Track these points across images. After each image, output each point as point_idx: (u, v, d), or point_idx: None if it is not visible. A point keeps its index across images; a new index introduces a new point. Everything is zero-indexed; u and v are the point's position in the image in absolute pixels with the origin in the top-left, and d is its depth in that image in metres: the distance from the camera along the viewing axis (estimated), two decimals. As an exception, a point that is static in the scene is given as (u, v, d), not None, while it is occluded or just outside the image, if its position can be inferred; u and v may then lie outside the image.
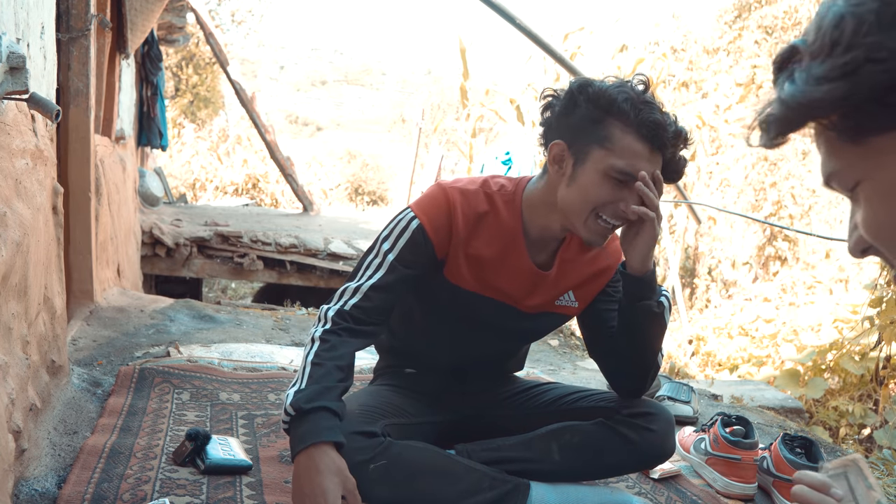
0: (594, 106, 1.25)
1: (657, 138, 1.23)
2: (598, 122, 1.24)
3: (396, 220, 1.34)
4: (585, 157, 1.25)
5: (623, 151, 1.23)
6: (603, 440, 1.40)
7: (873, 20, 0.47)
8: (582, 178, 1.26)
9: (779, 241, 8.46)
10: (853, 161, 0.52)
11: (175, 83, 13.05)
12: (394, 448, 1.26)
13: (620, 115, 1.23)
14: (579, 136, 1.26)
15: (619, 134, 1.23)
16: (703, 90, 9.57)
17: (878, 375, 3.95)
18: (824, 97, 0.48)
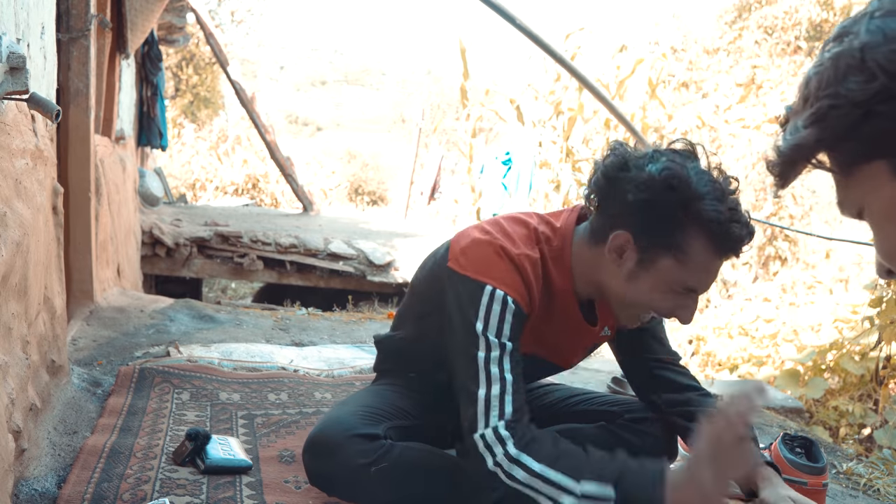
0: (678, 209, 1.12)
1: (735, 252, 1.15)
2: (679, 228, 1.12)
3: (486, 303, 1.18)
4: (653, 262, 1.15)
5: (697, 267, 1.13)
6: (604, 444, 1.39)
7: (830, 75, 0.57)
8: (643, 282, 1.17)
9: (779, 241, 8.46)
10: (851, 191, 0.61)
11: (175, 83, 13.06)
12: (395, 450, 1.26)
13: (705, 228, 1.11)
14: (651, 234, 1.14)
15: (698, 247, 1.12)
16: (703, 90, 9.58)
17: (878, 375, 3.95)
18: (803, 142, 0.60)
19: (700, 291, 1.17)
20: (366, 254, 5.91)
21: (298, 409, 1.89)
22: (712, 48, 10.10)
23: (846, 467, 1.95)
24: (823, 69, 0.57)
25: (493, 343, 1.16)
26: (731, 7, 10.24)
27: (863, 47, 0.54)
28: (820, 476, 1.50)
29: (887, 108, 0.53)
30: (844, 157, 0.58)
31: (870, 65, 0.53)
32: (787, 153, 0.61)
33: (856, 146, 0.56)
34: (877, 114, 0.53)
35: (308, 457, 1.30)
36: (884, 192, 0.56)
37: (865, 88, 0.53)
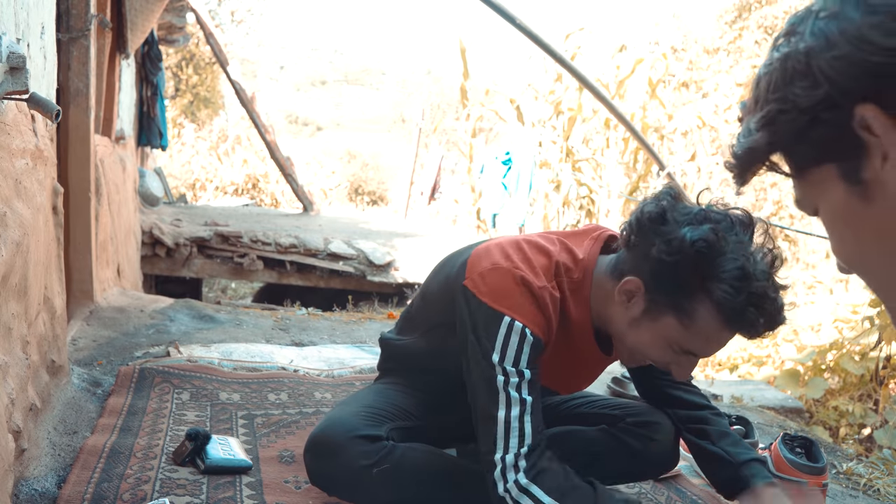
0: (695, 275, 1.09)
1: (744, 332, 1.11)
2: (689, 289, 1.10)
3: (504, 334, 1.17)
4: (657, 316, 1.14)
5: (698, 334, 1.12)
6: (605, 448, 1.40)
7: (778, 77, 0.57)
8: (644, 332, 1.17)
9: (779, 241, 8.46)
10: (806, 191, 0.61)
11: (175, 83, 13.06)
12: (397, 451, 1.26)
13: (716, 298, 1.08)
14: (661, 289, 1.13)
15: (704, 317, 1.10)
16: (703, 90, 9.58)
17: (878, 375, 3.95)
18: (754, 146, 0.59)
19: (700, 356, 1.16)
20: (366, 254, 5.91)
21: (298, 409, 1.89)
22: (712, 48, 10.11)
23: (846, 467, 1.95)
24: (772, 70, 0.57)
25: (510, 372, 1.16)
26: (731, 7, 10.24)
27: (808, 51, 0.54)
28: (820, 476, 1.50)
29: (832, 115, 0.53)
30: (796, 160, 0.59)
31: (814, 70, 0.54)
32: (741, 156, 0.61)
33: (805, 150, 0.57)
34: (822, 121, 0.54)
35: (309, 457, 1.30)
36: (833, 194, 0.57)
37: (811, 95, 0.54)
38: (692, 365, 1.17)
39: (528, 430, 1.15)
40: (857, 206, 0.56)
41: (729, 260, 1.08)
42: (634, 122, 7.20)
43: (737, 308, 1.07)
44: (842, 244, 0.60)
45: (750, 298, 1.07)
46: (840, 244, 0.61)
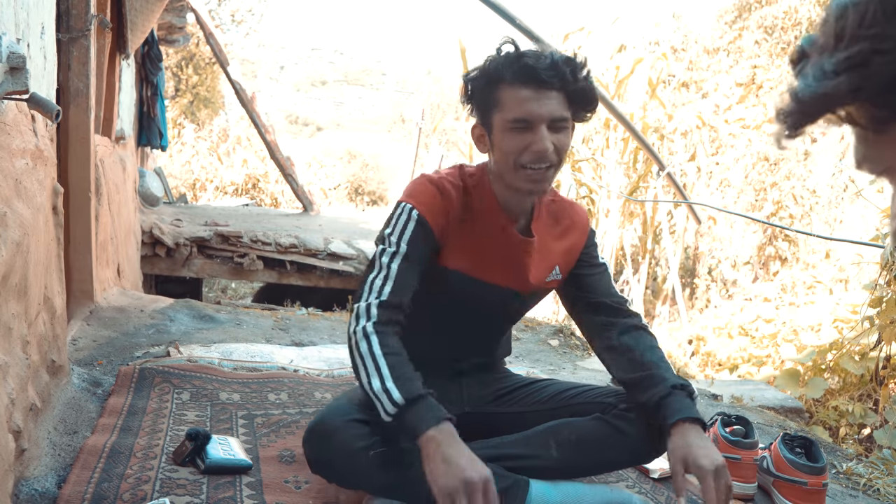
0: (482, 83, 1.36)
1: (535, 78, 1.30)
2: (489, 93, 1.35)
3: (396, 214, 1.40)
4: (492, 126, 1.37)
5: (511, 104, 1.32)
6: (600, 435, 1.40)
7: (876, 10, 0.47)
8: (496, 142, 1.37)
9: (779, 241, 8.46)
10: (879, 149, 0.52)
11: (175, 83, 13.05)
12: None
13: (499, 78, 1.33)
14: (483, 112, 1.38)
15: (505, 93, 1.33)
16: (703, 90, 9.58)
17: (878, 375, 3.95)
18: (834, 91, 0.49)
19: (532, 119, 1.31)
20: (366, 254, 5.91)
21: (298, 409, 1.89)
22: (712, 48, 10.10)
23: (846, 467, 1.95)
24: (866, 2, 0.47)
25: (391, 242, 1.37)
26: (731, 7, 10.23)
27: None
28: (820, 476, 1.50)
29: None
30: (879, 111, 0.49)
31: None
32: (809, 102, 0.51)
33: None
34: None
35: (307, 445, 1.32)
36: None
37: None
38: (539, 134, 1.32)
39: (386, 290, 1.32)
40: None
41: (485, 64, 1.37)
42: (634, 122, 7.20)
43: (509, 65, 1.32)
44: None
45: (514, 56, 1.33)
46: None
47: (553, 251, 1.49)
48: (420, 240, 1.37)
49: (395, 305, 1.31)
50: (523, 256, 1.46)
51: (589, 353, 3.56)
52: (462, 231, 1.42)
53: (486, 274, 1.44)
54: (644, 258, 8.02)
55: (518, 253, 1.45)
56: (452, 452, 1.15)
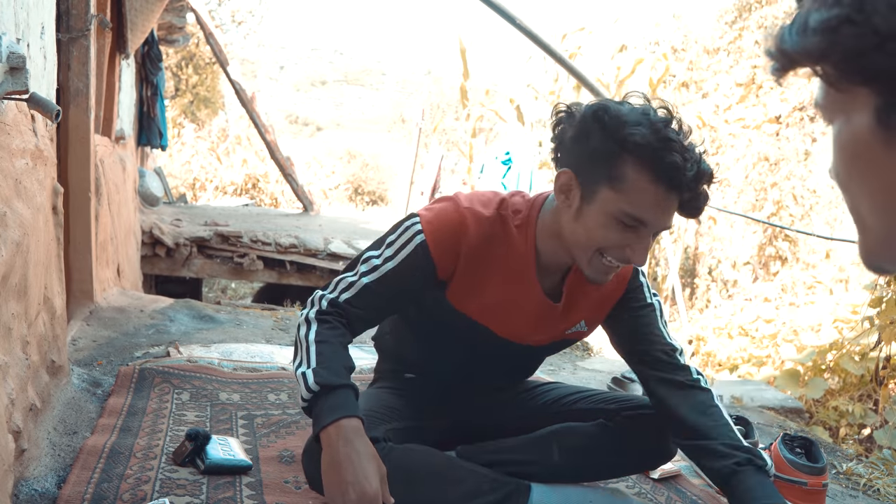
0: (608, 138, 1.13)
1: (674, 182, 1.12)
2: (611, 157, 1.13)
3: (405, 227, 1.27)
4: (594, 194, 1.16)
5: (634, 195, 1.13)
6: (604, 442, 1.40)
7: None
8: (588, 216, 1.17)
9: (779, 241, 8.46)
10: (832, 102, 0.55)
11: (175, 83, 13.05)
12: (395, 453, 1.26)
13: (635, 153, 1.11)
14: (589, 169, 1.16)
15: (632, 175, 1.12)
16: (704, 90, 9.57)
17: (878, 375, 3.95)
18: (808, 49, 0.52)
19: (647, 224, 1.15)
20: (366, 254, 5.91)
21: (298, 410, 1.89)
22: (712, 48, 10.10)
23: (846, 467, 1.95)
24: None
25: (382, 255, 1.26)
26: (732, 7, 10.23)
27: None
28: (820, 476, 1.50)
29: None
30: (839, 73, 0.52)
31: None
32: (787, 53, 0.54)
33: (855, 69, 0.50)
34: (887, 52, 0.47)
35: (307, 460, 1.29)
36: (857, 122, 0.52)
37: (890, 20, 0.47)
38: (644, 241, 1.16)
39: (345, 295, 1.25)
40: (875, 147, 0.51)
41: (628, 114, 1.13)
42: (634, 122, 7.18)
43: (655, 150, 1.10)
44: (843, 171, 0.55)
45: (662, 140, 1.11)
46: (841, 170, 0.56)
47: (581, 307, 1.35)
48: (412, 268, 1.25)
49: (342, 310, 1.25)
50: (540, 319, 1.34)
51: (589, 353, 3.56)
52: (478, 271, 1.27)
53: (497, 325, 1.33)
54: (644, 258, 8.00)
55: (536, 314, 1.33)
56: (345, 455, 1.08)
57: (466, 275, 1.27)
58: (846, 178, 0.56)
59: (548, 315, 1.33)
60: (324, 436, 1.12)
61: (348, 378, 1.19)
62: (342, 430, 1.11)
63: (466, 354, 1.40)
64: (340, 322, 1.25)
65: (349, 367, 1.21)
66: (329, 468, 1.10)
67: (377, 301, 1.27)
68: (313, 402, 1.16)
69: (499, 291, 1.29)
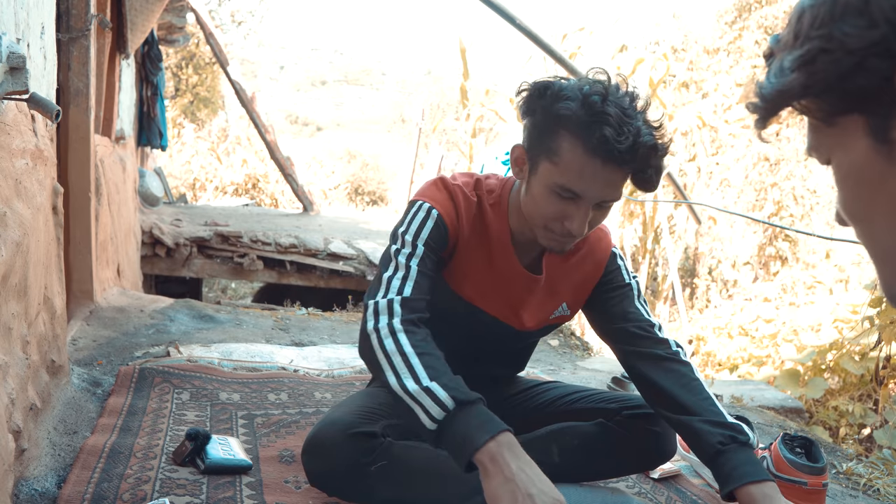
0: (546, 114, 1.17)
1: (607, 154, 1.12)
2: (550, 131, 1.17)
3: (412, 212, 1.30)
4: (536, 167, 1.21)
5: (568, 167, 1.15)
6: (603, 441, 1.40)
7: (826, 12, 0.51)
8: (533, 189, 1.22)
9: (779, 241, 8.46)
10: (824, 139, 0.56)
11: (175, 83, 13.05)
12: (395, 448, 1.26)
13: (568, 127, 1.14)
14: (535, 144, 1.21)
15: (566, 147, 1.15)
16: (704, 90, 9.57)
17: (878, 375, 3.95)
18: (788, 88, 0.53)
19: (582, 195, 1.16)
20: (366, 254, 5.91)
21: (298, 409, 1.89)
22: (712, 48, 10.10)
23: (846, 467, 1.95)
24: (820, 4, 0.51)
25: (407, 242, 1.26)
26: (731, 7, 10.23)
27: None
28: (820, 476, 1.50)
29: (879, 63, 0.48)
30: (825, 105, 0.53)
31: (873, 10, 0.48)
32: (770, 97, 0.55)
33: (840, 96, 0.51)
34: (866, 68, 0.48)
35: (307, 458, 1.30)
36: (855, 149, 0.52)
37: (863, 35, 0.48)
38: (581, 211, 1.18)
39: (407, 288, 1.21)
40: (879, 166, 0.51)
41: (568, 88, 1.16)
42: (634, 122, 7.18)
43: (585, 124, 1.12)
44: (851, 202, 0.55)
45: (593, 114, 1.12)
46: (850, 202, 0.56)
47: (562, 288, 1.39)
48: (438, 241, 1.27)
49: (418, 304, 1.20)
50: (525, 294, 1.37)
51: (589, 353, 3.56)
52: (468, 250, 1.32)
53: (483, 301, 1.36)
54: (644, 258, 8.02)
55: (520, 290, 1.36)
56: (518, 469, 1.01)
57: (460, 255, 1.32)
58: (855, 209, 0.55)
59: (532, 289, 1.36)
60: (483, 456, 1.03)
61: (475, 392, 1.12)
62: (503, 447, 1.04)
63: (461, 342, 1.40)
64: (424, 322, 1.20)
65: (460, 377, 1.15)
66: (503, 486, 1.01)
67: (428, 281, 1.25)
68: (450, 419, 1.07)
69: (484, 271, 1.34)
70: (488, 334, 1.41)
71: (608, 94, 1.14)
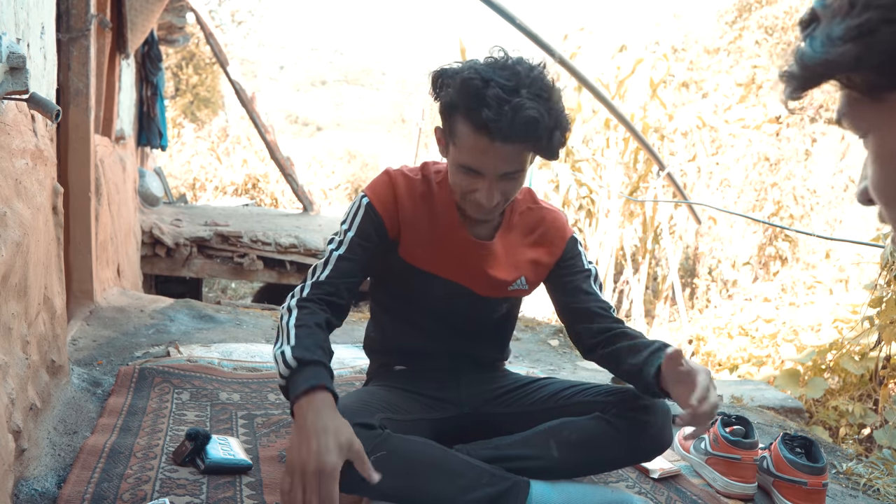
0: (442, 102, 1.30)
1: (493, 132, 1.21)
2: (448, 117, 1.30)
3: (352, 205, 1.45)
4: (447, 148, 1.34)
5: (464, 148, 1.28)
6: (600, 434, 1.40)
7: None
8: (449, 165, 1.35)
9: (779, 241, 8.46)
10: (867, 113, 0.52)
11: (175, 83, 13.06)
12: (393, 440, 1.27)
13: (459, 112, 1.26)
14: (444, 127, 1.33)
15: (461, 130, 1.27)
16: (704, 90, 9.57)
17: (877, 375, 3.95)
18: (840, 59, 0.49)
19: (481, 171, 1.27)
20: (366, 254, 5.92)
21: (298, 409, 1.89)
22: (712, 48, 10.10)
23: (846, 467, 1.95)
24: None
25: (341, 231, 1.41)
26: (732, 7, 10.24)
27: None
28: (820, 476, 1.50)
29: None
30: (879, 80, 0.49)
31: None
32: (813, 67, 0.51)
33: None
34: None
35: None
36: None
37: None
38: (485, 186, 1.28)
39: (323, 274, 1.36)
40: None
41: (455, 72, 1.27)
42: (635, 122, 7.20)
43: (468, 107, 1.22)
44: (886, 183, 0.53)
45: (473, 96, 1.22)
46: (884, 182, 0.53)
47: (520, 261, 1.48)
48: (368, 228, 1.40)
49: (326, 285, 1.35)
50: (478, 260, 1.45)
51: (589, 353, 3.55)
52: (417, 225, 1.43)
53: (440, 269, 1.45)
54: (644, 258, 8.02)
55: (472, 256, 1.45)
56: (311, 426, 1.10)
57: (408, 230, 1.42)
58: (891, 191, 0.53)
59: (484, 256, 1.45)
60: (296, 408, 1.15)
61: (324, 357, 1.23)
62: (313, 402, 1.14)
63: (434, 315, 1.50)
64: (321, 308, 1.33)
65: (326, 348, 1.26)
66: (295, 438, 1.12)
67: (350, 267, 1.38)
68: (290, 378, 1.19)
69: (435, 241, 1.43)
70: (452, 302, 1.48)
71: (490, 76, 1.22)
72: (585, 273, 1.51)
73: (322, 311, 1.32)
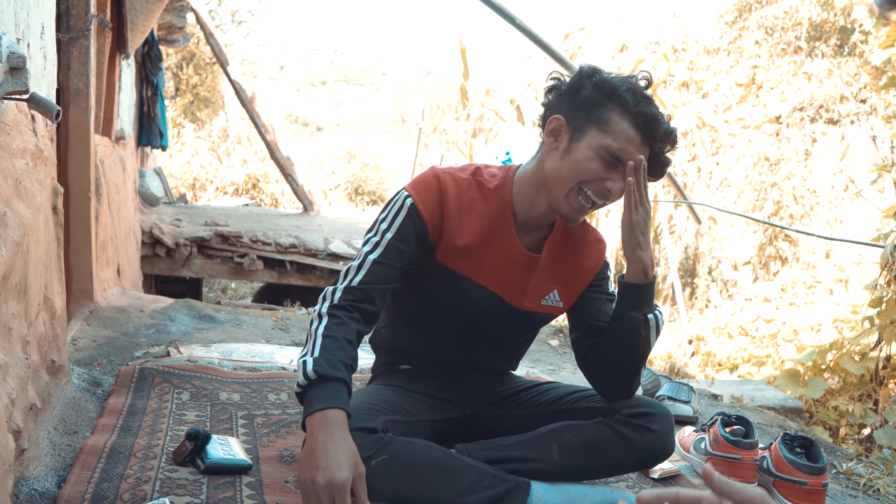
0: (598, 90, 1.33)
1: (650, 130, 1.31)
2: (599, 105, 1.33)
3: (393, 201, 1.39)
4: (582, 134, 1.34)
5: (617, 135, 1.31)
6: (603, 440, 1.40)
7: None
8: (576, 152, 1.34)
9: (779, 241, 8.46)
10: None
11: (175, 83, 13.05)
12: (395, 444, 1.27)
13: (620, 103, 1.32)
14: (580, 114, 1.34)
15: (616, 118, 1.32)
16: (704, 90, 9.57)
17: (878, 375, 3.95)
18: None
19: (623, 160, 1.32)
20: (366, 254, 5.92)
21: (298, 409, 1.89)
22: (712, 48, 10.10)
23: (846, 467, 1.95)
24: None
25: (379, 231, 1.37)
26: (732, 7, 10.23)
27: None
28: (820, 476, 1.50)
29: None
30: None
31: None
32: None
33: None
34: None
35: None
36: None
37: None
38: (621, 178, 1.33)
39: (357, 278, 1.33)
40: None
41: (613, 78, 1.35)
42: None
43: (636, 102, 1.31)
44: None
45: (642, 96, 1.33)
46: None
47: (558, 273, 1.47)
48: (409, 230, 1.36)
49: (359, 291, 1.32)
50: (523, 273, 1.43)
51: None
52: (463, 229, 1.39)
53: (478, 275, 1.42)
54: (644, 258, 8.00)
55: (518, 268, 1.43)
56: (322, 443, 1.12)
57: (452, 234, 1.38)
58: None
59: (530, 269, 1.43)
60: (308, 422, 1.17)
61: (346, 374, 1.23)
62: (326, 420, 1.15)
63: (460, 320, 1.47)
64: (351, 317, 1.30)
65: (349, 363, 1.25)
66: (306, 453, 1.14)
67: (385, 273, 1.34)
68: (307, 389, 1.21)
69: (482, 247, 1.40)
70: (485, 311, 1.46)
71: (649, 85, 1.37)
72: (610, 297, 1.52)
73: (353, 321, 1.30)
